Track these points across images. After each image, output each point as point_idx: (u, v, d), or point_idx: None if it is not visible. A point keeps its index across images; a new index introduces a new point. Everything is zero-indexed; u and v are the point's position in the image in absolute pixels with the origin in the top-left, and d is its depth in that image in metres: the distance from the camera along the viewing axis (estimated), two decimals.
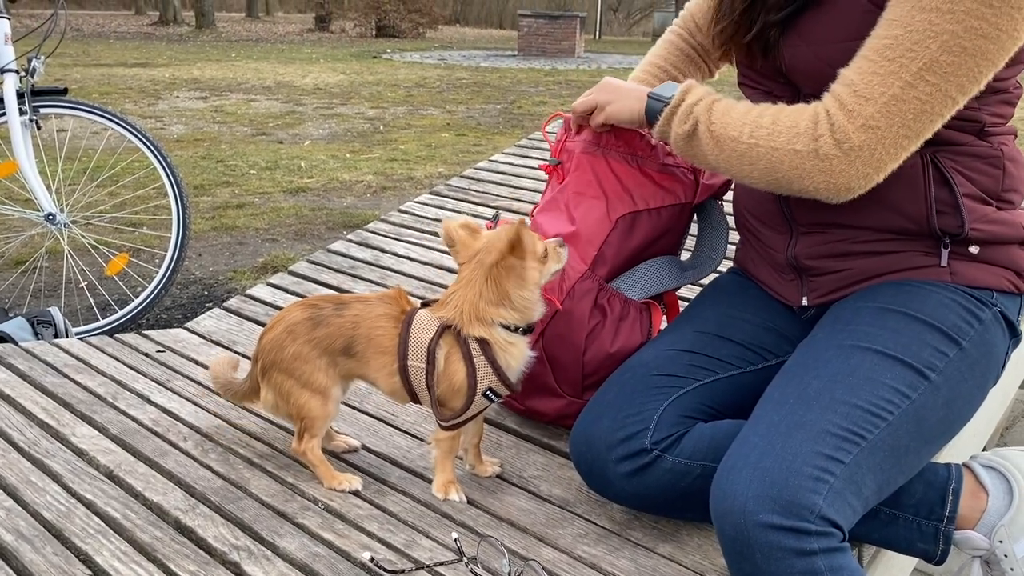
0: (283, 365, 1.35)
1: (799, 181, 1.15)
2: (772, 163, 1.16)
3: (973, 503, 1.24)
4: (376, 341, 1.33)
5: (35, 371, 1.75)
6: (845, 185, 1.13)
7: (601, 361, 1.45)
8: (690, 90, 1.26)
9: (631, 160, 1.50)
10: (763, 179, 1.18)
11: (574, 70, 12.35)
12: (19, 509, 1.29)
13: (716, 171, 1.26)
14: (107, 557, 1.19)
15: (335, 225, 4.22)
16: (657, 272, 1.52)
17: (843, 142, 1.10)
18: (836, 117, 1.11)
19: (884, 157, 1.11)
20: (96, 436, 1.51)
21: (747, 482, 1.04)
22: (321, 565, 1.19)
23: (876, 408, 1.09)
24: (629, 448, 1.25)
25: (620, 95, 1.40)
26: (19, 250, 3.55)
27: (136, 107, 7.68)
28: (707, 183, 1.52)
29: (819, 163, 1.12)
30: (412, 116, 7.76)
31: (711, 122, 1.21)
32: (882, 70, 1.09)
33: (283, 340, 1.35)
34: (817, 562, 1.01)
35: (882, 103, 1.08)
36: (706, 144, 1.22)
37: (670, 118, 1.27)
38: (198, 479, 1.39)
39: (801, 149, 1.13)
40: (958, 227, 1.20)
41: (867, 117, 1.09)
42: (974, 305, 1.20)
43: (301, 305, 1.39)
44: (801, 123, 1.14)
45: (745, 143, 1.18)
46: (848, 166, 1.11)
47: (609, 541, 1.29)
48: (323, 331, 1.34)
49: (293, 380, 1.35)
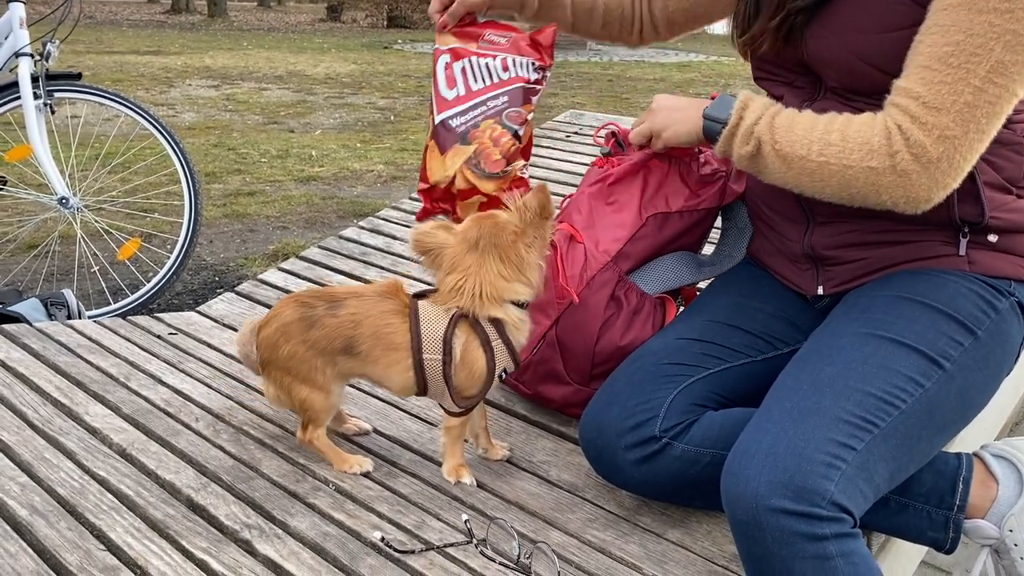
0: (279, 363, 1.33)
1: (876, 196, 1.13)
2: (846, 180, 1.14)
3: (983, 492, 1.24)
4: (386, 339, 1.29)
5: (49, 351, 1.76)
6: (924, 197, 1.11)
7: (611, 352, 1.45)
8: (747, 107, 1.22)
9: (673, 163, 1.50)
10: (836, 195, 1.16)
11: (585, 62, 12.30)
12: (33, 485, 1.30)
13: (785, 187, 1.23)
14: (120, 533, 1.20)
15: (345, 214, 4.23)
16: (674, 267, 1.52)
17: (921, 156, 1.09)
18: (910, 132, 1.09)
19: (962, 164, 1.09)
20: (109, 415, 1.52)
21: (759, 467, 1.04)
22: (332, 544, 1.20)
23: (889, 396, 1.09)
24: (639, 436, 1.26)
25: (675, 119, 1.38)
26: (32, 234, 3.57)
27: (148, 94, 7.70)
28: (733, 187, 1.51)
29: (897, 179, 1.10)
30: (423, 106, 7.76)
31: (775, 141, 1.18)
32: (949, 78, 1.07)
33: (276, 340, 1.33)
34: (828, 547, 1.01)
35: (955, 111, 1.07)
36: (772, 163, 1.19)
37: (730, 140, 1.24)
38: (210, 459, 1.40)
39: (877, 166, 1.11)
40: (978, 215, 1.19)
41: (943, 128, 1.07)
42: (991, 294, 1.19)
43: (293, 303, 1.34)
44: (874, 139, 1.11)
45: (815, 161, 1.15)
46: (927, 179, 1.09)
47: (618, 526, 1.29)
48: (318, 332, 1.30)
49: (291, 377, 1.33)
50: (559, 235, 1.47)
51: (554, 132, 3.11)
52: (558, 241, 1.47)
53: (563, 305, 1.44)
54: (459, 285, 1.27)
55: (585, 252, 1.46)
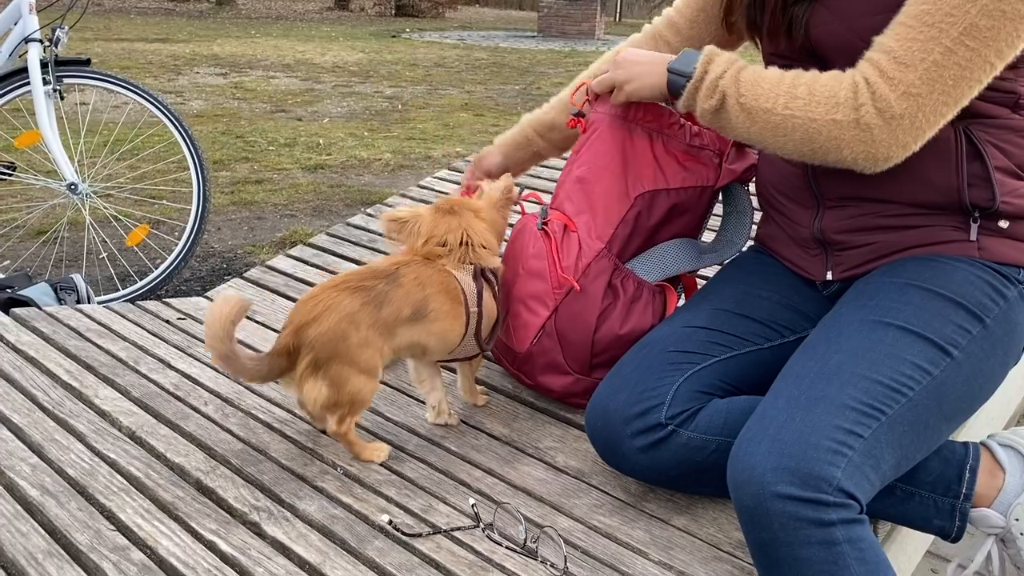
0: (347, 355, 1.28)
1: (836, 151, 1.14)
2: (809, 134, 1.14)
3: (990, 481, 1.23)
4: (452, 294, 1.37)
5: (59, 334, 1.77)
6: (884, 155, 1.11)
7: (610, 341, 1.45)
8: (712, 60, 1.24)
9: (656, 136, 1.48)
10: (797, 150, 1.17)
11: (594, 52, 12.27)
12: (44, 466, 1.31)
13: (747, 143, 1.25)
14: (130, 514, 1.21)
15: (353, 202, 4.24)
16: (673, 254, 1.51)
17: (885, 111, 1.09)
18: (877, 85, 1.09)
19: (924, 125, 1.09)
20: (118, 398, 1.53)
21: (766, 453, 1.04)
22: (340, 527, 1.20)
23: (897, 383, 1.09)
24: (644, 422, 1.26)
25: (638, 72, 1.38)
26: (41, 220, 3.59)
27: (156, 82, 7.70)
28: (730, 167, 1.50)
29: (859, 132, 1.11)
30: (430, 96, 7.75)
31: (740, 94, 1.19)
32: (922, 36, 1.07)
33: (346, 330, 1.27)
34: (835, 532, 1.01)
35: (923, 69, 1.07)
36: (736, 117, 1.20)
37: (695, 93, 1.25)
38: (219, 442, 1.41)
39: (841, 119, 1.11)
40: (989, 200, 1.19)
41: (908, 84, 1.08)
42: (1000, 282, 1.19)
43: (345, 290, 1.30)
44: (840, 92, 1.12)
45: (780, 114, 1.16)
46: (888, 135, 1.10)
47: (624, 512, 1.30)
48: (388, 309, 1.30)
49: (354, 368, 1.29)
50: (553, 224, 1.47)
51: None
52: (553, 231, 1.46)
53: (561, 295, 1.44)
54: (464, 239, 1.39)
55: (579, 241, 1.45)
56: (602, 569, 1.16)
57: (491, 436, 1.48)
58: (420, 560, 1.15)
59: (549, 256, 1.44)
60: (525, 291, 1.47)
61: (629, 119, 1.48)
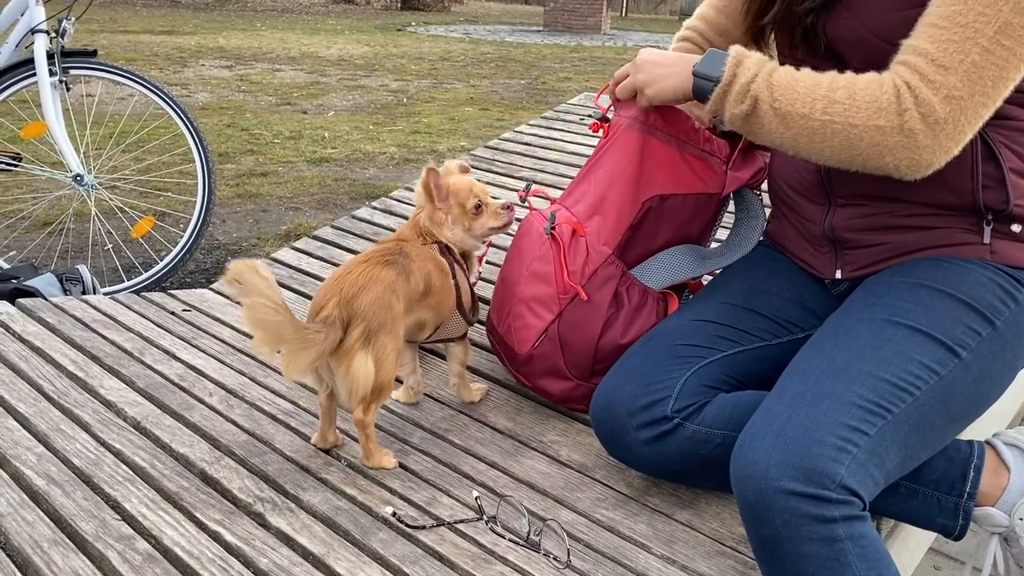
0: (391, 326, 1.28)
1: (879, 158, 1.11)
2: (850, 140, 1.12)
3: (994, 480, 1.23)
4: (444, 268, 1.43)
5: (64, 325, 1.78)
6: (927, 160, 1.09)
7: (612, 350, 1.44)
8: (741, 63, 1.19)
9: (673, 142, 1.46)
10: (835, 156, 1.15)
11: (600, 47, 12.24)
12: (50, 455, 1.32)
13: (778, 147, 1.21)
14: (135, 504, 1.21)
15: (358, 195, 4.23)
16: (677, 261, 1.50)
17: (928, 115, 1.07)
18: (919, 90, 1.07)
19: (966, 128, 1.08)
20: (124, 389, 1.54)
21: (770, 449, 1.04)
22: (344, 518, 1.21)
23: (904, 383, 1.09)
24: (650, 415, 1.26)
25: (660, 74, 1.34)
26: (47, 211, 3.59)
27: (162, 74, 7.70)
28: (735, 174, 1.49)
29: (903, 139, 1.09)
30: (436, 89, 7.74)
31: (774, 99, 1.15)
32: (957, 36, 1.05)
33: (389, 300, 1.28)
34: (837, 529, 1.01)
35: (963, 71, 1.05)
36: (770, 122, 1.17)
37: (723, 97, 1.20)
38: (223, 433, 1.41)
39: (885, 125, 1.09)
40: (1003, 203, 1.18)
41: (950, 87, 1.06)
42: (1011, 285, 1.18)
43: (380, 263, 1.32)
44: (883, 97, 1.09)
45: (817, 119, 1.13)
46: (932, 140, 1.08)
47: (627, 506, 1.30)
48: (413, 279, 1.35)
49: (395, 343, 1.29)
50: (562, 228, 1.46)
51: (568, 115, 3.10)
52: (560, 235, 1.45)
53: (566, 301, 1.43)
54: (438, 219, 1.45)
55: (587, 246, 1.44)
56: (605, 563, 1.16)
57: (495, 430, 1.49)
58: (424, 552, 1.15)
59: (556, 261, 1.43)
60: (529, 293, 1.46)
61: (648, 124, 1.46)
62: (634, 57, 1.43)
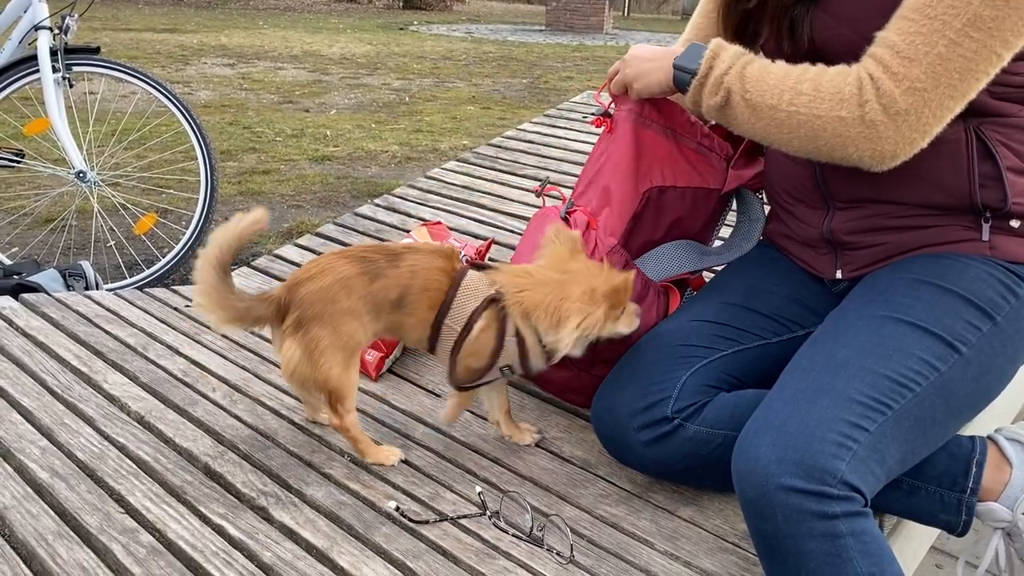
0: (330, 320, 1.26)
1: (842, 149, 1.12)
2: (814, 130, 1.13)
3: (996, 475, 1.23)
4: (430, 295, 1.30)
5: (67, 320, 1.78)
6: (890, 152, 1.10)
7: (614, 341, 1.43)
8: (717, 56, 1.22)
9: (669, 134, 1.47)
10: (803, 147, 1.16)
11: (601, 46, 12.23)
12: (54, 449, 1.32)
13: (752, 138, 1.24)
14: (139, 497, 1.21)
15: (360, 194, 4.24)
16: (677, 254, 1.51)
17: (890, 107, 1.07)
18: (881, 81, 1.08)
19: (930, 120, 1.08)
20: (127, 384, 1.54)
21: (770, 445, 1.04)
22: (347, 513, 1.21)
23: (904, 379, 1.09)
24: (651, 416, 1.26)
25: (645, 69, 1.36)
26: (49, 208, 3.60)
27: (164, 72, 7.71)
28: (737, 172, 1.49)
29: (864, 130, 1.09)
30: (438, 88, 7.74)
31: (745, 91, 1.18)
32: (924, 28, 1.06)
33: (336, 294, 1.26)
34: (838, 525, 1.01)
35: (927, 63, 1.06)
36: (741, 113, 1.19)
37: (700, 89, 1.23)
38: (227, 428, 1.41)
39: (846, 116, 1.10)
40: (1000, 201, 1.18)
41: (913, 79, 1.06)
42: (1012, 280, 1.18)
43: (348, 258, 1.29)
44: (845, 88, 1.10)
45: (784, 111, 1.14)
46: (894, 132, 1.08)
47: (630, 502, 1.30)
48: (380, 284, 1.28)
49: (333, 338, 1.26)
50: (577, 216, 1.46)
51: (571, 113, 3.10)
52: (575, 223, 1.46)
53: None
54: (522, 278, 1.29)
55: (596, 238, 1.44)
56: (608, 558, 1.17)
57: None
58: (427, 546, 1.16)
59: None
60: None
61: (644, 116, 1.47)
62: None
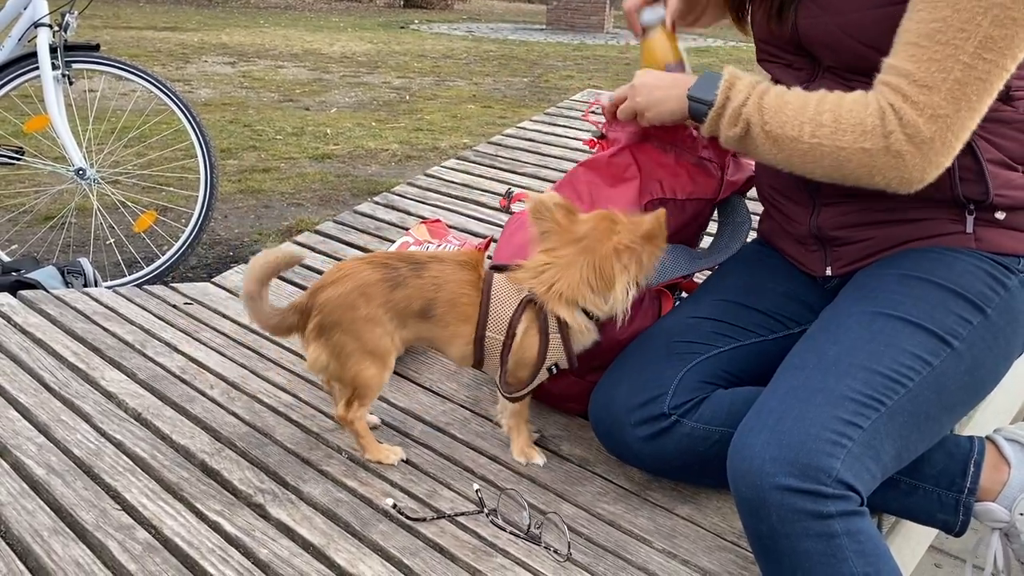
0: (351, 327, 1.25)
1: (868, 177, 1.13)
2: (839, 161, 1.13)
3: (994, 475, 1.23)
4: (459, 308, 1.28)
5: (66, 317, 1.78)
6: (919, 177, 1.11)
7: (610, 346, 1.42)
8: (733, 86, 1.20)
9: (670, 149, 1.49)
10: (828, 175, 1.16)
11: (602, 45, 12.22)
12: (50, 446, 1.32)
13: (775, 166, 1.22)
14: (136, 494, 1.21)
15: (360, 192, 4.23)
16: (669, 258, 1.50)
17: (914, 136, 1.08)
18: (903, 111, 1.08)
19: (954, 141, 1.08)
20: (125, 380, 1.54)
21: (764, 444, 1.04)
22: (344, 510, 1.21)
23: (896, 374, 1.09)
24: (647, 412, 1.26)
25: (657, 97, 1.34)
26: (49, 205, 3.59)
27: (165, 70, 7.71)
28: (731, 180, 1.50)
29: (891, 159, 1.10)
30: (438, 87, 7.74)
31: (764, 122, 1.17)
32: (938, 55, 1.06)
33: (355, 300, 1.25)
34: (834, 524, 1.01)
35: (946, 89, 1.06)
36: (762, 144, 1.18)
37: (717, 121, 1.22)
38: (224, 425, 1.41)
39: (871, 147, 1.10)
40: (982, 194, 1.19)
41: (935, 106, 1.06)
42: (1000, 272, 1.18)
43: (370, 264, 1.28)
44: (867, 120, 1.10)
45: (806, 143, 1.14)
46: (921, 159, 1.09)
47: (628, 500, 1.30)
48: (402, 293, 1.26)
49: (358, 344, 1.25)
50: None
51: (571, 111, 3.10)
52: None
53: None
54: (543, 270, 1.27)
55: None
56: (605, 556, 1.16)
57: (495, 424, 1.48)
58: (424, 544, 1.15)
59: None
60: None
61: (647, 133, 1.48)
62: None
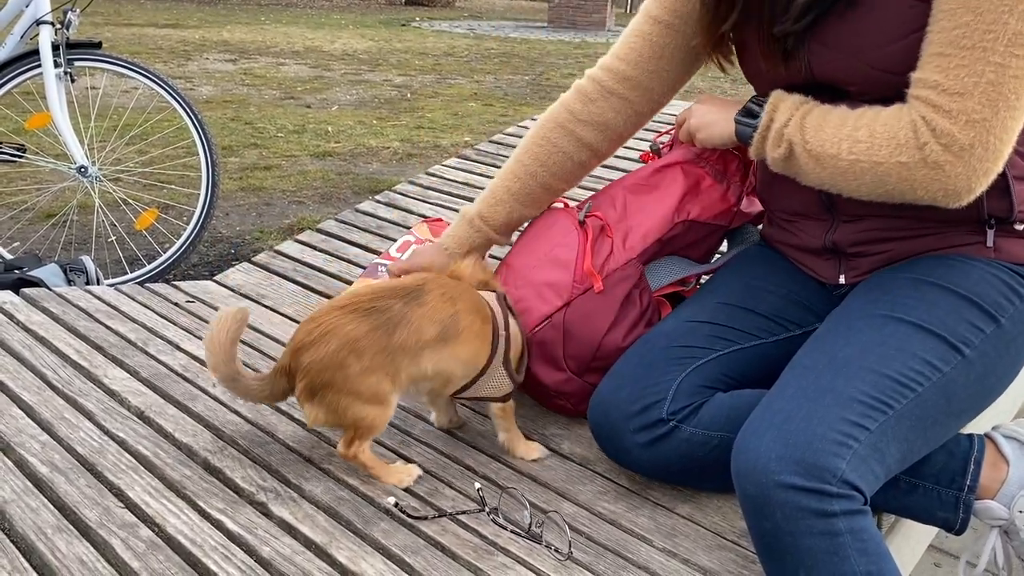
0: (343, 385, 1.19)
1: (912, 192, 1.11)
2: (879, 176, 1.12)
3: (994, 473, 1.24)
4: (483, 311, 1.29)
5: (68, 315, 1.78)
6: (965, 187, 1.08)
7: (612, 350, 1.43)
8: (777, 108, 1.20)
9: (720, 179, 1.52)
10: (872, 193, 1.15)
11: (604, 43, 12.22)
12: (54, 443, 1.32)
13: (821, 188, 1.21)
14: (139, 492, 1.22)
15: (361, 190, 4.24)
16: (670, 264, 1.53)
17: (951, 145, 1.06)
18: (935, 122, 1.06)
19: (999, 145, 1.06)
20: (127, 378, 1.54)
21: (770, 443, 1.04)
22: (346, 508, 1.21)
23: (905, 379, 1.09)
24: (647, 418, 1.26)
25: (709, 121, 1.36)
26: (50, 203, 3.60)
27: (166, 67, 7.71)
28: (745, 211, 1.53)
29: (930, 172, 1.08)
30: (439, 85, 7.74)
31: (806, 141, 1.16)
32: (966, 60, 1.04)
33: (344, 359, 1.18)
34: (837, 523, 1.01)
35: (979, 93, 1.04)
36: (806, 164, 1.18)
37: (763, 143, 1.22)
38: (226, 423, 1.42)
39: (907, 161, 1.09)
40: (1007, 210, 1.18)
41: (969, 112, 1.05)
42: (1016, 282, 1.18)
43: (353, 313, 1.20)
44: (900, 133, 1.09)
45: (845, 160, 1.13)
46: (964, 168, 1.07)
47: (629, 499, 1.30)
48: (405, 332, 1.20)
49: (353, 397, 1.20)
50: (591, 224, 1.47)
51: None
52: (589, 229, 1.47)
53: (579, 290, 1.43)
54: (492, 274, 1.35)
55: (612, 246, 1.46)
56: (606, 555, 1.17)
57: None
58: (425, 542, 1.16)
59: (580, 249, 1.44)
60: (542, 278, 1.45)
61: (703, 157, 1.53)
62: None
